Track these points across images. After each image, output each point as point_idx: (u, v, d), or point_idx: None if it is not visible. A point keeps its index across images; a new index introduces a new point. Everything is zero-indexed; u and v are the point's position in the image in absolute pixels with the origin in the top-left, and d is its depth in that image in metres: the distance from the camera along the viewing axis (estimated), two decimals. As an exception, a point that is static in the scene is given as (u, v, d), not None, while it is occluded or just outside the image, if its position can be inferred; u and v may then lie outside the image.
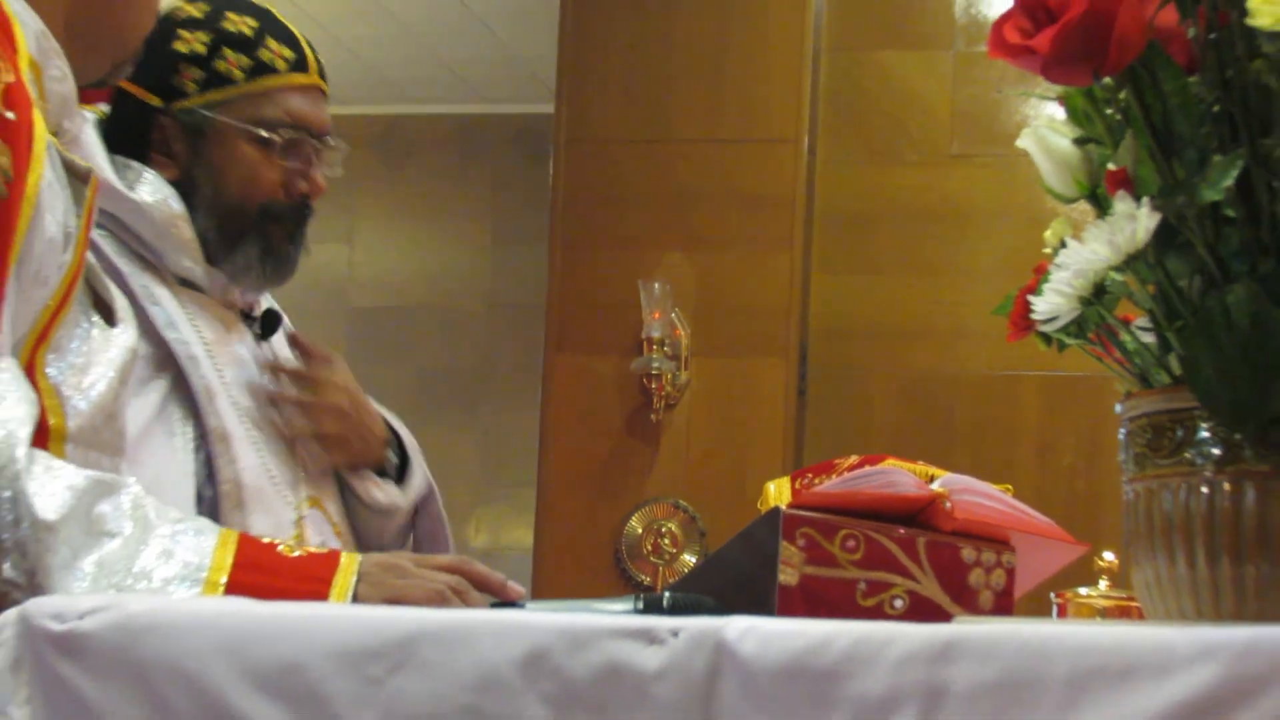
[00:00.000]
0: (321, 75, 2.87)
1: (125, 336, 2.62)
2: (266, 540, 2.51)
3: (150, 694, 1.67)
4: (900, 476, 2.04)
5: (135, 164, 2.88)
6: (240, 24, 2.80)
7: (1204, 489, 1.61)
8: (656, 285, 6.31)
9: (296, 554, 2.51)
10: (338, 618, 1.71)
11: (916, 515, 2.13)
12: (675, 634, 1.59)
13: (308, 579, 2.45)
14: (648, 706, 1.56)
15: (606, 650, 1.59)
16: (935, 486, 2.09)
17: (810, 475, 2.40)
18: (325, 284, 10.60)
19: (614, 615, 1.78)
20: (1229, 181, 1.56)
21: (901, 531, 2.09)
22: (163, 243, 2.97)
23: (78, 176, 2.55)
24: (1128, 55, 1.57)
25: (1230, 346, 1.53)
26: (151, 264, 2.96)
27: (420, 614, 1.72)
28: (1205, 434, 1.62)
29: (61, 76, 2.66)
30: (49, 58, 2.60)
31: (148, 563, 2.34)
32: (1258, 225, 1.58)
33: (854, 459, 2.36)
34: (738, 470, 6.05)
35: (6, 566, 2.20)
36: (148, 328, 2.84)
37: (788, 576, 2.06)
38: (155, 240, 2.98)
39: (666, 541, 6.24)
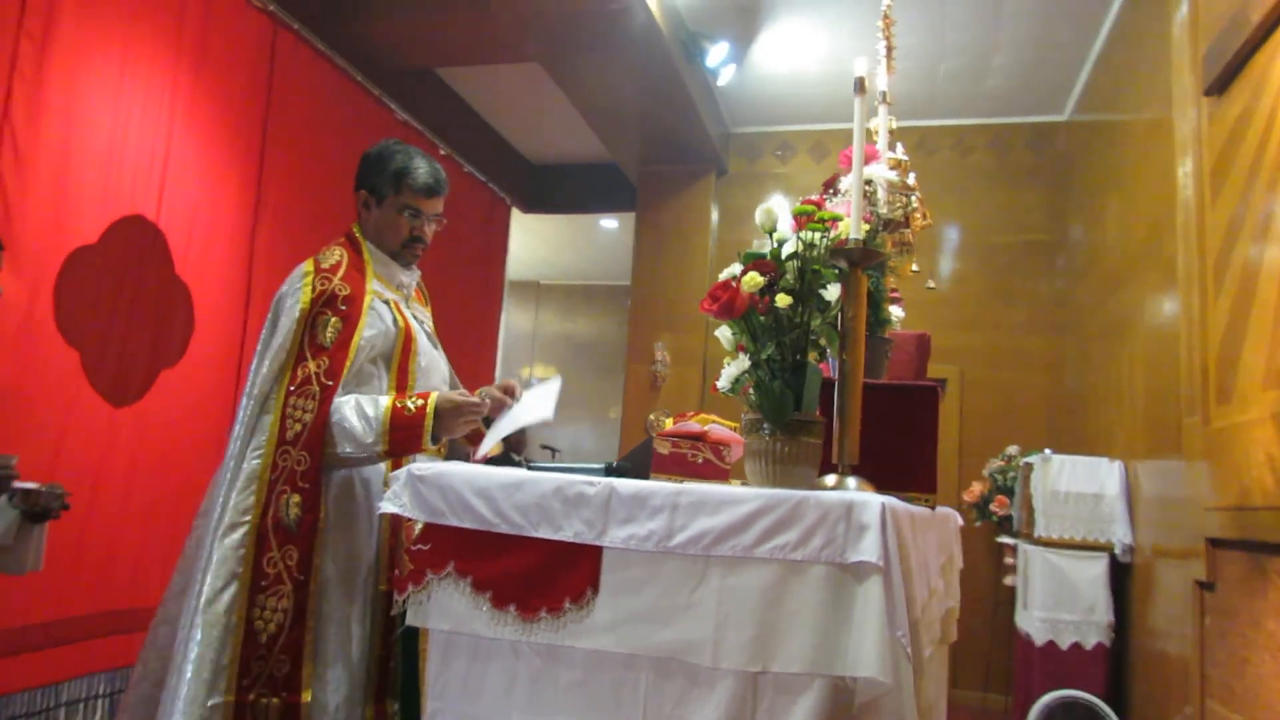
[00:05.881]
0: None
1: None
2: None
3: (443, 492, 1.63)
4: (694, 424, 2.06)
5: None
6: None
7: (765, 441, 1.58)
8: (659, 343, 6.28)
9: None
10: (498, 472, 1.64)
11: (700, 435, 2.01)
12: (598, 483, 1.54)
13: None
14: (589, 504, 1.53)
15: (578, 486, 1.55)
16: (706, 427, 2.05)
17: (677, 417, 2.38)
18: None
19: (590, 471, 1.72)
20: (770, 350, 1.57)
21: (695, 439, 1.97)
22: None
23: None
24: (740, 312, 1.56)
25: (771, 400, 1.57)
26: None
27: (517, 472, 1.62)
28: (767, 425, 1.57)
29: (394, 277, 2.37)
30: (388, 267, 2.35)
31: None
32: (784, 364, 1.57)
33: (690, 414, 2.35)
34: (685, 402, 5.97)
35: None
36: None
37: (663, 449, 2.01)
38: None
39: (664, 424, 6.24)
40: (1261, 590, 2.67)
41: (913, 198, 2.69)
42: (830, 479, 1.62)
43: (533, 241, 9.58)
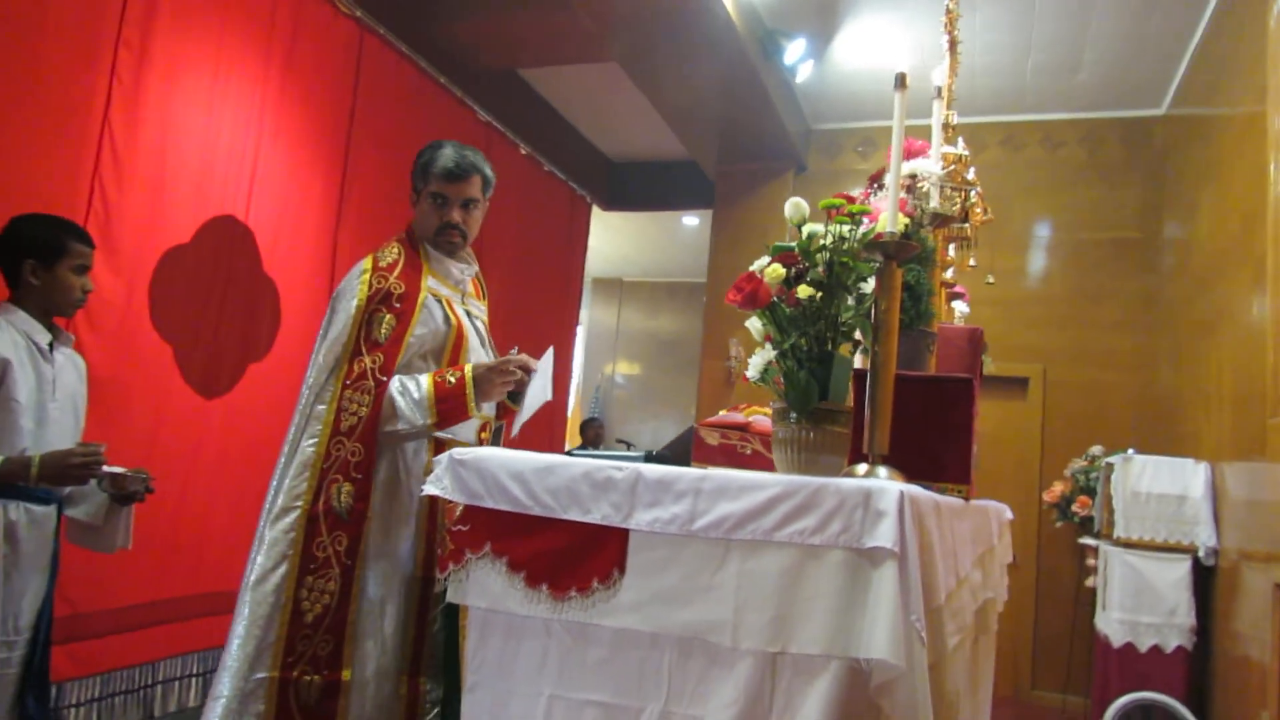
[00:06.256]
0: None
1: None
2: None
3: (482, 476, 1.67)
4: (737, 415, 2.09)
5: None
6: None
7: (792, 429, 1.61)
8: (733, 340, 6.26)
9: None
10: (532, 456, 1.67)
11: (745, 426, 2.04)
12: (625, 467, 1.56)
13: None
14: (617, 488, 1.56)
15: (606, 470, 1.58)
16: (751, 418, 2.08)
17: (732, 409, 2.41)
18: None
19: (630, 459, 1.75)
20: (794, 340, 1.59)
21: (741, 429, 2.01)
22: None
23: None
24: (763, 302, 1.59)
25: (797, 389, 1.59)
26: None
27: (551, 456, 1.65)
28: (793, 414, 1.61)
29: (449, 273, 2.43)
30: (442, 263, 2.41)
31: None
32: (811, 354, 1.59)
33: (743, 405, 2.38)
34: (757, 398, 5.94)
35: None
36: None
37: (711, 440, 2.05)
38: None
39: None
40: (1339, 595, 2.57)
41: (972, 192, 2.67)
42: (861, 468, 1.63)
43: (616, 239, 9.68)
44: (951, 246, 2.98)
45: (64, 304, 2.52)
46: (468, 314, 2.42)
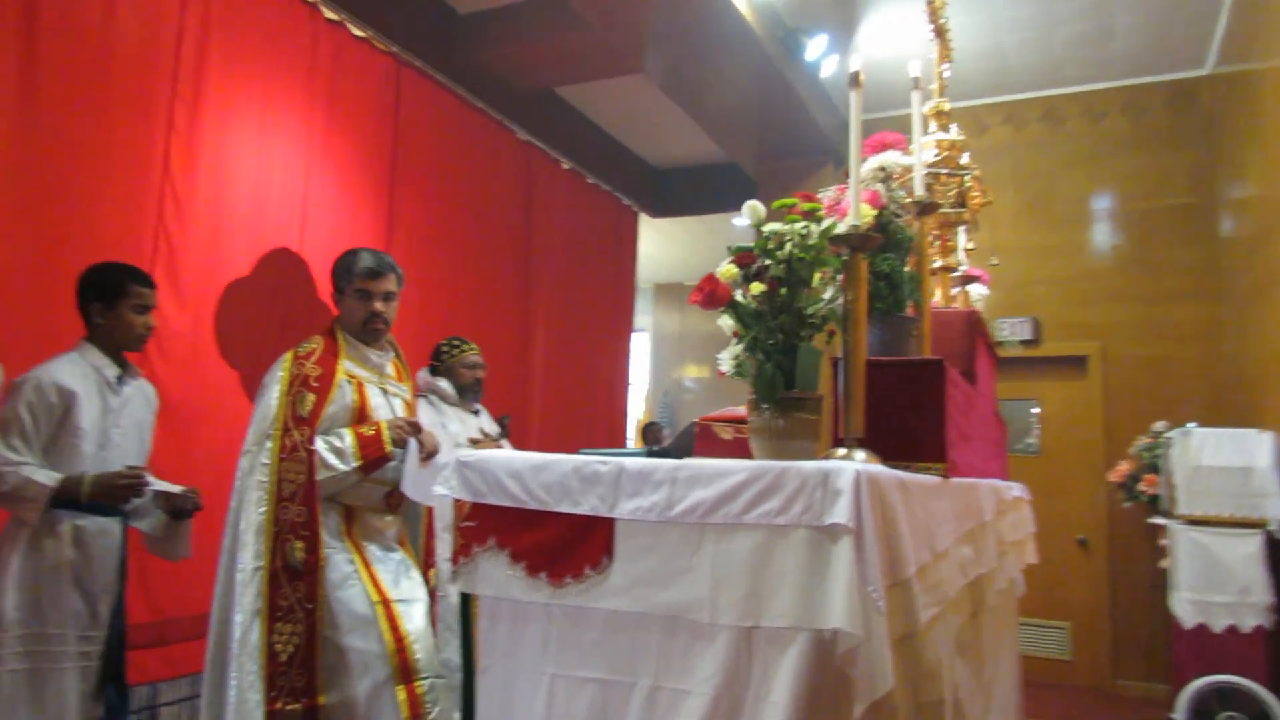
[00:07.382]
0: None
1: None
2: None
3: (484, 475, 1.78)
4: (738, 410, 2.17)
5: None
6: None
7: (766, 416, 1.67)
8: None
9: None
10: (528, 455, 1.77)
11: (744, 419, 2.12)
12: (609, 462, 1.66)
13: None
14: (603, 481, 1.65)
15: (593, 465, 1.68)
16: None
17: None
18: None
19: (631, 452, 1.85)
20: (756, 334, 1.66)
21: (743, 421, 2.07)
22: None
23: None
24: (723, 301, 1.67)
25: (764, 380, 1.66)
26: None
27: (545, 455, 1.75)
28: (764, 404, 1.67)
29: (366, 358, 2.87)
30: (358, 350, 2.87)
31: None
32: (776, 346, 1.66)
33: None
34: None
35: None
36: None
37: (725, 435, 2.13)
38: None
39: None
40: None
41: (967, 177, 2.71)
42: (840, 451, 1.71)
43: (671, 245, 9.78)
44: (962, 231, 3.02)
45: (128, 340, 2.78)
46: (384, 392, 2.86)
